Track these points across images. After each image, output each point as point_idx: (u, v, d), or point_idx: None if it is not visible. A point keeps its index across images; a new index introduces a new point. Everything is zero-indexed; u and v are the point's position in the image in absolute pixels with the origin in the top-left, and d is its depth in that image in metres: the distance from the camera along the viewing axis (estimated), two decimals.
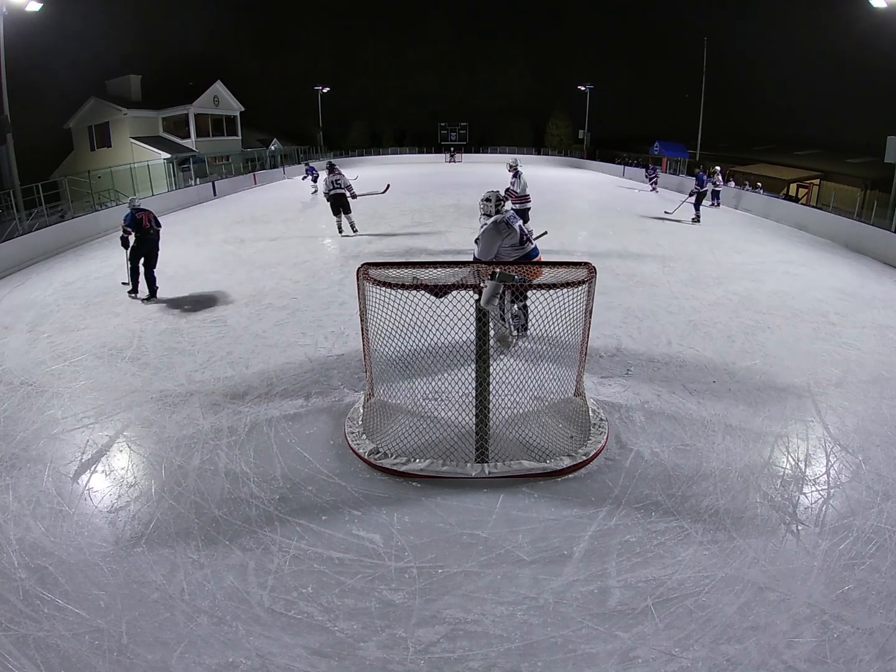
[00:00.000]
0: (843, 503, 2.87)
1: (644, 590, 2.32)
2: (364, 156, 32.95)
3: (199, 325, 5.66)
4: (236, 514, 2.81)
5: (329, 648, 2.08)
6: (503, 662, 2.03)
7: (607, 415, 3.71)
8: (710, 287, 6.88)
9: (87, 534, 2.70)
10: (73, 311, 6.25)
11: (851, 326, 5.58)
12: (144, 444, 3.50)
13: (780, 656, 2.02)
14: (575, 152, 33.27)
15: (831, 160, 24.82)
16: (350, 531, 2.68)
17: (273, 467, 3.20)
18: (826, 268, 8.33)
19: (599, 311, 4.39)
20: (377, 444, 3.29)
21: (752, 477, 3.09)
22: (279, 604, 2.28)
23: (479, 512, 2.82)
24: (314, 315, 5.84)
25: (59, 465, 3.27)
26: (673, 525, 2.70)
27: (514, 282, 3.03)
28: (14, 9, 11.19)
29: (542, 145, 36.52)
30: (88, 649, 2.07)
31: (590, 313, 3.45)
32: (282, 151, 28.00)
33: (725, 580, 2.36)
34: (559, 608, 2.25)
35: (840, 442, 3.45)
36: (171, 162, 19.58)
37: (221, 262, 8.44)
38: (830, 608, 2.21)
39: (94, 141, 24.48)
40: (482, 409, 3.14)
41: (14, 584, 2.37)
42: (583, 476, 3.11)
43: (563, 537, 2.64)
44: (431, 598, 2.30)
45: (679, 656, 2.03)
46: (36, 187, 11.48)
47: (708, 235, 10.50)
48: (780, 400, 3.99)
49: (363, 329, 3.66)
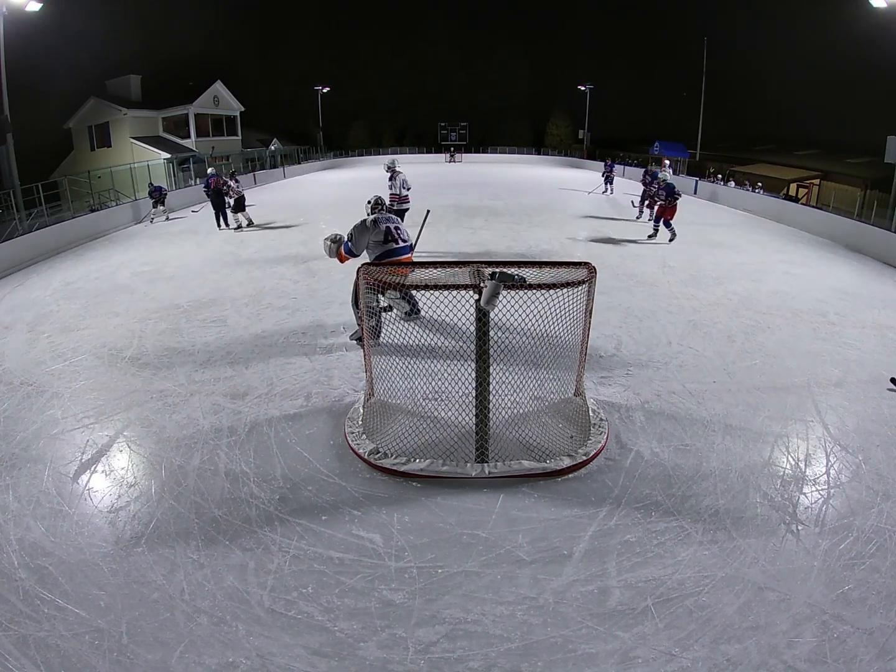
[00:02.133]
0: (843, 503, 2.87)
1: (644, 590, 2.32)
2: (364, 156, 32.97)
3: (199, 325, 5.66)
4: (236, 514, 2.81)
5: (329, 648, 2.08)
6: (503, 662, 2.03)
7: (607, 415, 3.71)
8: (710, 287, 6.88)
9: (87, 534, 2.70)
10: (73, 311, 6.25)
11: (851, 326, 5.58)
12: (144, 444, 3.50)
13: (780, 656, 2.02)
14: (575, 152, 33.26)
15: (831, 160, 24.83)
16: (350, 531, 2.68)
17: (273, 467, 3.20)
18: (826, 268, 8.33)
19: (599, 311, 4.39)
20: (377, 444, 3.28)
21: (752, 477, 3.09)
22: (279, 604, 2.28)
23: (479, 512, 2.82)
24: (314, 315, 5.84)
25: (59, 465, 3.27)
26: (673, 525, 2.70)
27: (514, 282, 3.03)
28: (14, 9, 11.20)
29: (542, 145, 36.53)
30: (88, 649, 2.07)
31: (590, 313, 3.45)
32: (282, 151, 27.99)
33: (725, 580, 2.36)
34: (559, 608, 2.25)
35: (840, 442, 3.45)
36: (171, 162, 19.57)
37: (221, 262, 8.44)
38: (830, 608, 2.21)
39: (94, 141, 24.50)
40: (482, 409, 3.14)
41: (14, 584, 2.37)
42: (583, 476, 3.11)
43: (563, 537, 2.64)
44: (431, 598, 2.30)
45: (679, 656, 2.03)
46: (36, 187, 11.48)
47: (708, 235, 10.50)
48: (780, 400, 3.99)
49: (363, 329, 3.67)
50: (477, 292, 2.92)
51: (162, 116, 24.85)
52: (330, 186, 20.19)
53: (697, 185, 17.25)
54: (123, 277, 7.75)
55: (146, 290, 6.98)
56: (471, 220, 11.61)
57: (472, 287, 2.94)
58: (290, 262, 8.16)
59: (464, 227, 10.86)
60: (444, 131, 36.33)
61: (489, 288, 2.84)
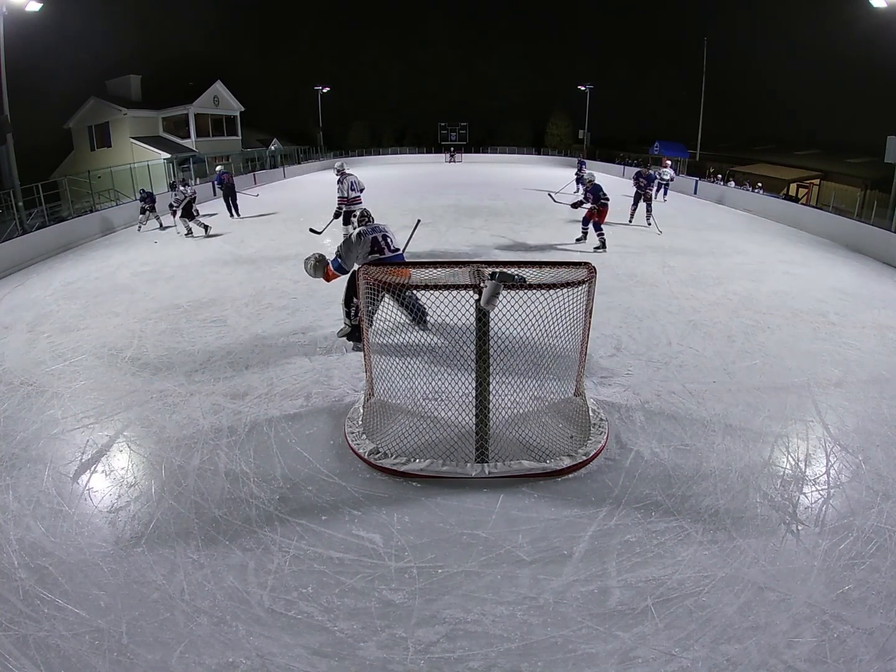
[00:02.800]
0: (843, 503, 2.87)
1: (644, 590, 2.32)
2: (364, 156, 32.97)
3: (199, 325, 5.66)
4: (236, 514, 2.81)
5: (329, 648, 2.08)
6: (503, 662, 2.03)
7: (607, 415, 3.71)
8: (710, 287, 6.88)
9: (87, 534, 2.70)
10: (73, 311, 6.25)
11: (851, 326, 5.58)
12: (144, 444, 3.50)
13: (780, 656, 2.02)
14: (575, 152, 33.26)
15: (831, 160, 24.82)
16: (350, 531, 2.68)
17: (273, 467, 3.20)
18: (826, 268, 8.33)
19: (599, 311, 4.38)
20: (377, 444, 3.28)
21: (752, 477, 3.09)
22: (279, 604, 2.28)
23: (479, 512, 2.82)
24: (314, 315, 5.84)
25: (59, 465, 3.27)
26: (673, 525, 2.70)
27: (514, 282, 3.03)
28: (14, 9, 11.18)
29: (542, 145, 36.52)
30: (88, 649, 2.07)
31: (590, 313, 3.45)
32: (282, 151, 28.00)
33: (725, 580, 2.36)
34: (559, 608, 2.25)
35: (840, 442, 3.45)
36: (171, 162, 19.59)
37: (221, 262, 8.44)
38: (830, 608, 2.21)
39: (94, 141, 24.47)
40: (482, 409, 3.14)
41: (14, 584, 2.37)
42: (583, 476, 3.11)
43: (563, 537, 2.64)
44: (431, 598, 2.30)
45: (679, 656, 2.03)
46: (36, 187, 11.47)
47: (708, 235, 10.50)
48: (780, 400, 3.99)
49: (364, 329, 3.67)
50: (477, 292, 2.92)
51: (162, 116, 24.83)
52: (330, 186, 20.09)
53: (697, 185, 17.26)
54: (123, 277, 7.75)
55: (146, 290, 6.98)
56: (471, 220, 11.61)
57: (472, 287, 2.94)
58: (290, 262, 8.15)
59: (464, 227, 10.86)
60: (444, 131, 36.30)
61: (489, 288, 2.84)
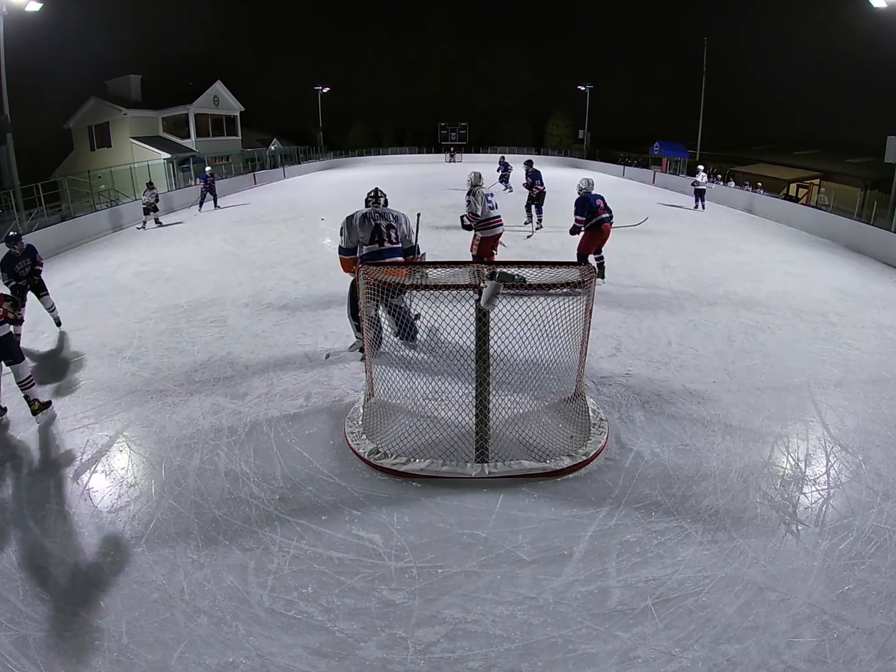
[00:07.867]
0: (843, 503, 2.86)
1: (644, 590, 2.32)
2: (364, 156, 32.97)
3: (199, 325, 5.66)
4: (236, 514, 2.81)
5: (329, 648, 2.08)
6: (503, 662, 2.03)
7: (607, 415, 3.71)
8: (710, 287, 6.88)
9: (86, 534, 2.70)
10: (73, 311, 6.25)
11: (851, 326, 5.58)
12: (144, 444, 3.50)
13: (780, 656, 2.02)
14: (575, 152, 33.26)
15: (831, 160, 24.83)
16: (350, 531, 2.68)
17: (273, 467, 3.20)
18: (826, 268, 8.33)
19: (599, 312, 4.39)
20: (377, 444, 3.28)
21: (752, 477, 3.09)
22: (279, 604, 2.27)
23: (479, 512, 2.82)
24: (314, 315, 5.84)
25: (59, 465, 3.27)
26: (673, 525, 2.70)
27: (514, 282, 3.03)
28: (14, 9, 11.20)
29: (542, 145, 36.52)
30: (88, 649, 2.07)
31: (590, 313, 3.45)
32: (282, 151, 28.01)
33: (725, 580, 2.36)
34: (559, 608, 2.25)
35: (840, 442, 3.45)
36: (171, 162, 19.59)
37: (221, 262, 8.44)
38: (830, 608, 2.21)
39: (94, 141, 24.50)
40: (482, 409, 3.14)
41: (14, 584, 2.37)
42: (583, 476, 3.10)
43: (563, 537, 2.64)
44: (431, 598, 2.30)
45: (679, 656, 2.03)
46: (36, 187, 11.50)
47: (708, 235, 10.50)
48: (780, 400, 3.99)
49: (364, 329, 3.66)
50: (477, 292, 2.92)
51: (162, 116, 24.86)
52: (330, 186, 20.18)
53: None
54: (123, 277, 7.76)
55: (146, 290, 6.98)
56: None
57: (472, 287, 2.95)
58: (290, 262, 8.16)
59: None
60: (444, 131, 36.33)
61: (489, 288, 2.84)
